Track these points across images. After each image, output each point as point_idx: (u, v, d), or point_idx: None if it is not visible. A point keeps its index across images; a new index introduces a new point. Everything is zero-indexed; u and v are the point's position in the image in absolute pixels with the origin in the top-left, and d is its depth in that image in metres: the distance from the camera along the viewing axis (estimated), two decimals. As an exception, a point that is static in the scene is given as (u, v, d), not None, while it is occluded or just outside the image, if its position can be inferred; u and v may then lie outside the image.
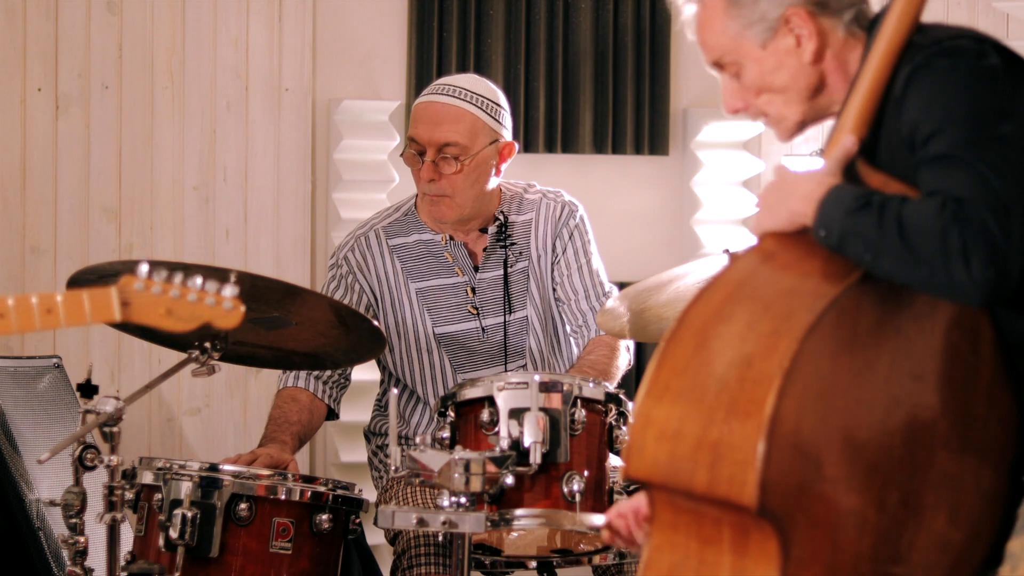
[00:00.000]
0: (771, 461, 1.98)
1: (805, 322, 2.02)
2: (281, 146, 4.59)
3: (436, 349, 3.43)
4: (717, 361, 2.06)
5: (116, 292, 2.29)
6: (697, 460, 2.03)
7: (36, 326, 2.29)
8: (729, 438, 2.00)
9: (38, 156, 4.35)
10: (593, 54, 4.84)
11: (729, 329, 2.08)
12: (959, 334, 2.18)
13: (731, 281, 2.15)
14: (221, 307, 2.34)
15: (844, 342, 2.07)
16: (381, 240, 3.46)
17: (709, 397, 2.04)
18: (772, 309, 2.08)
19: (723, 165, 4.92)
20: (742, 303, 2.11)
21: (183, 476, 2.93)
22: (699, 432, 2.03)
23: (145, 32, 4.44)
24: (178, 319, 2.32)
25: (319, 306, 3.09)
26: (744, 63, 2.33)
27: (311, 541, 3.00)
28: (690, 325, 2.12)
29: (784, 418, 1.99)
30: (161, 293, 2.32)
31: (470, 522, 2.65)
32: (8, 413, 3.65)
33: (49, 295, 2.29)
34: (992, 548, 2.20)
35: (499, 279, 3.46)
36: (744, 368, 2.03)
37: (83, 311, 2.29)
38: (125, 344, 4.38)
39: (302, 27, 4.59)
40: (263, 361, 3.32)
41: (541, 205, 3.51)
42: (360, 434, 4.50)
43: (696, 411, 2.04)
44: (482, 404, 2.93)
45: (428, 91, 3.44)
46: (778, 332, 2.03)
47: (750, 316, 2.08)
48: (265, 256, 4.56)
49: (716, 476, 2.01)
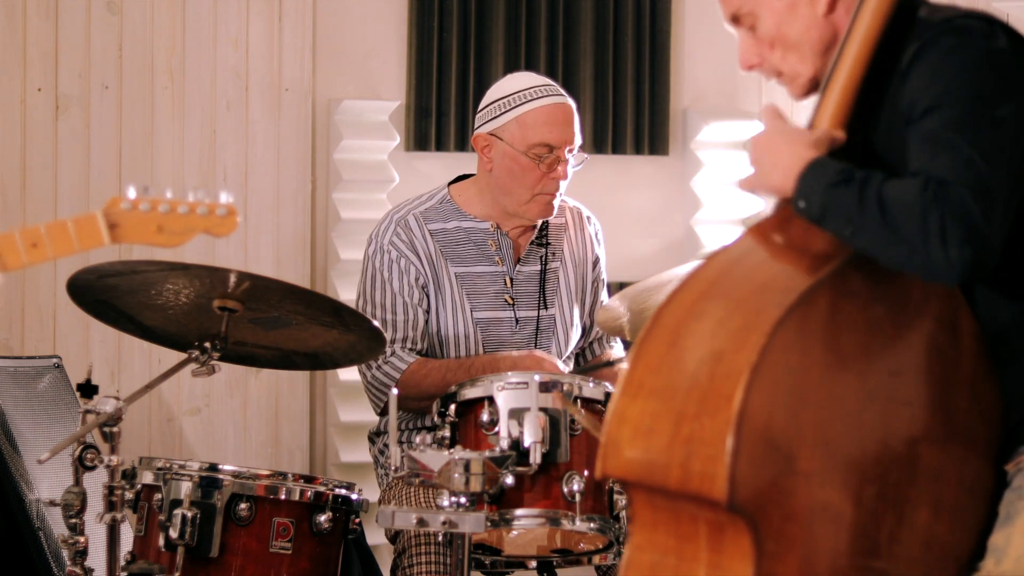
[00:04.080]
0: (740, 455, 1.98)
1: (774, 316, 2.02)
2: (281, 146, 4.59)
3: (473, 333, 3.46)
4: (689, 358, 2.07)
5: (102, 215, 2.21)
6: (671, 456, 2.03)
7: (24, 261, 2.20)
8: (700, 433, 2.01)
9: (38, 156, 4.35)
10: (593, 54, 4.84)
11: (701, 326, 2.09)
12: (938, 328, 2.18)
13: (705, 279, 2.15)
14: (215, 215, 2.25)
15: (816, 336, 2.07)
16: (421, 223, 3.50)
17: (681, 393, 2.04)
18: (743, 305, 2.08)
19: (723, 165, 4.92)
20: (715, 300, 2.11)
21: (183, 476, 2.93)
22: (672, 428, 2.04)
23: (145, 32, 4.44)
24: (171, 234, 2.23)
25: (319, 306, 3.09)
26: (760, 13, 2.34)
27: (311, 541, 3.00)
28: (664, 324, 2.12)
29: (753, 412, 1.99)
30: (150, 210, 2.23)
31: (470, 522, 2.65)
32: (8, 413, 3.65)
33: (33, 229, 2.20)
34: (978, 542, 2.20)
35: (535, 274, 3.53)
36: (714, 364, 2.03)
37: (70, 239, 2.20)
38: (125, 344, 4.38)
39: (302, 27, 4.59)
40: (263, 361, 3.32)
41: (566, 211, 3.62)
42: (360, 434, 4.51)
43: (669, 408, 2.05)
44: (482, 404, 2.94)
45: (541, 93, 3.47)
46: (748, 327, 2.03)
47: (722, 313, 2.09)
48: (265, 256, 4.56)
49: (688, 471, 2.02)
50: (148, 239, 2.22)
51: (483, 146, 3.48)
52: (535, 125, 3.42)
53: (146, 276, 3.01)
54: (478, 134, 3.49)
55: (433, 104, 4.70)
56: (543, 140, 3.41)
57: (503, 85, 3.52)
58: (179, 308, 3.07)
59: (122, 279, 3.03)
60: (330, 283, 4.60)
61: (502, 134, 3.44)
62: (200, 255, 4.46)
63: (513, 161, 3.43)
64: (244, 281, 2.95)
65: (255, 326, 3.10)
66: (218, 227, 2.25)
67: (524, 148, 3.42)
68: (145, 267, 3.05)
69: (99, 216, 2.21)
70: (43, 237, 2.20)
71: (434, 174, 4.58)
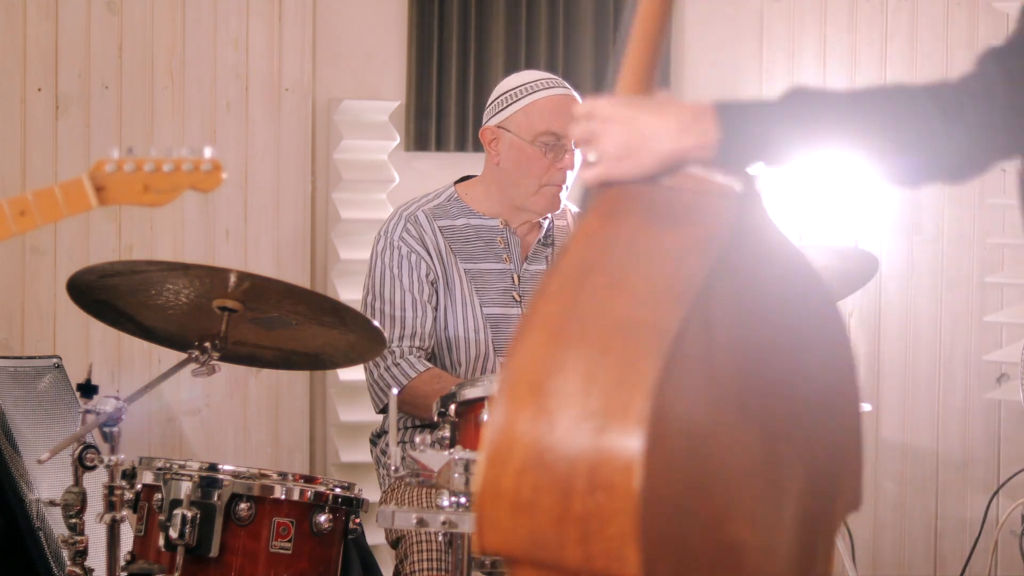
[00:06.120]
0: (651, 531, 1.75)
1: (654, 368, 1.76)
2: (281, 146, 4.59)
3: (483, 328, 3.48)
4: (562, 423, 1.79)
5: (88, 178, 2.20)
6: (564, 535, 1.79)
7: (12, 230, 2.20)
8: (597, 512, 1.77)
9: (38, 156, 4.35)
10: (593, 54, 4.84)
11: (567, 384, 1.80)
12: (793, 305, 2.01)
13: (550, 315, 1.85)
14: (200, 171, 2.24)
15: (698, 374, 1.83)
16: (430, 219, 3.51)
17: (562, 466, 1.78)
18: (610, 352, 1.80)
19: (723, 165, 4.91)
20: (571, 347, 1.82)
21: (183, 476, 2.93)
22: (559, 505, 1.79)
23: (145, 32, 4.44)
24: (158, 192, 2.22)
25: (319, 306, 3.09)
26: None
27: (311, 541, 3.00)
28: (521, 377, 1.83)
29: (655, 480, 1.76)
30: (135, 170, 2.22)
31: (470, 522, 2.65)
32: (8, 413, 3.65)
33: (20, 197, 2.20)
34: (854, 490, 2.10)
35: (542, 273, 3.54)
36: (597, 432, 1.77)
37: (57, 205, 2.19)
38: (125, 344, 4.38)
39: (302, 27, 4.59)
40: (263, 361, 3.32)
41: (568, 215, 3.64)
42: (360, 434, 4.52)
43: (550, 482, 1.79)
44: (482, 404, 2.93)
45: (548, 85, 3.51)
46: (625, 384, 1.77)
47: (586, 364, 1.80)
48: (265, 256, 4.57)
49: (590, 551, 1.78)
50: (135, 199, 2.22)
51: (490, 139, 3.50)
52: (541, 114, 3.45)
53: (146, 276, 3.01)
54: (485, 128, 3.51)
55: (433, 104, 4.70)
56: (549, 128, 3.44)
57: (509, 80, 3.55)
58: (179, 308, 3.07)
59: (122, 279, 3.03)
60: (330, 283, 4.60)
61: (509, 126, 3.47)
62: (200, 255, 4.46)
63: (520, 152, 3.45)
64: (244, 281, 2.95)
65: (255, 326, 3.10)
66: (204, 182, 2.24)
67: (531, 137, 3.44)
68: (145, 267, 3.05)
69: (85, 179, 2.20)
70: (31, 204, 2.19)
71: (434, 174, 4.58)
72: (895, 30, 5.11)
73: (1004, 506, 4.89)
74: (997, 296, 5.12)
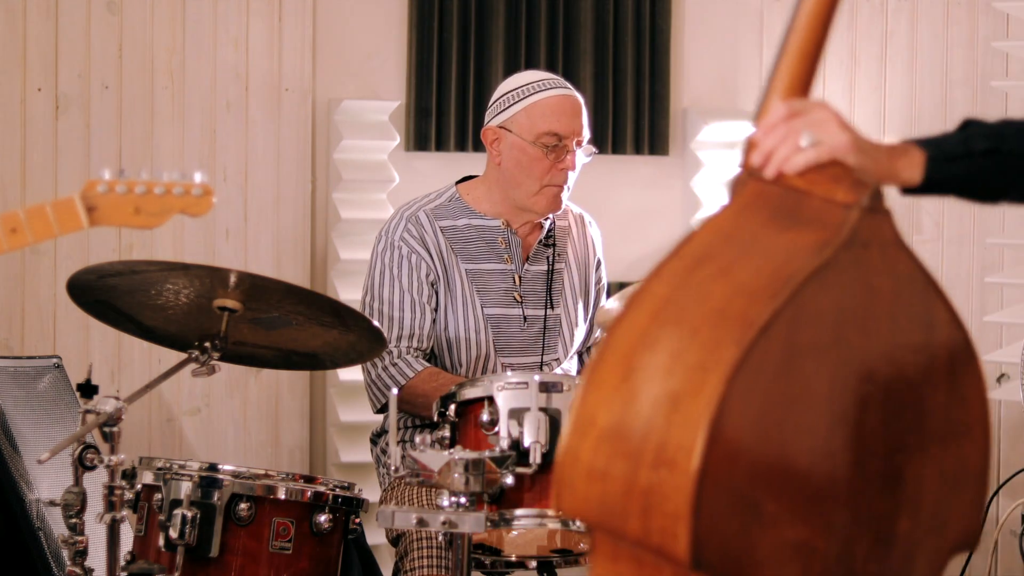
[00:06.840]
0: (703, 514, 1.83)
1: (732, 357, 1.84)
2: (281, 146, 4.59)
3: (484, 328, 3.48)
4: (644, 397, 1.89)
5: (80, 198, 2.22)
6: (628, 505, 1.88)
7: (3, 247, 2.21)
8: (659, 487, 1.86)
9: (38, 156, 4.35)
10: (593, 54, 4.84)
11: (655, 360, 1.90)
12: (911, 329, 2.05)
13: (657, 296, 1.94)
14: (191, 195, 2.26)
15: (778, 370, 1.89)
16: (431, 219, 3.52)
17: (636, 438, 1.88)
18: (699, 336, 1.89)
19: (723, 165, 4.92)
20: (667, 327, 1.91)
21: (183, 476, 2.93)
22: (628, 475, 1.88)
23: (145, 32, 4.44)
24: (148, 215, 2.24)
25: (319, 306, 3.09)
26: None
27: (311, 541, 3.00)
28: (616, 350, 1.93)
29: (715, 466, 1.83)
30: (127, 192, 2.23)
31: (470, 522, 2.65)
32: (8, 413, 3.65)
33: (11, 214, 2.21)
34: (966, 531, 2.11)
35: (543, 274, 3.56)
36: (671, 409, 1.86)
37: (49, 224, 2.21)
38: (125, 344, 4.38)
39: (302, 27, 4.59)
40: (263, 361, 3.32)
41: (569, 215, 3.66)
42: (360, 434, 4.52)
43: (623, 452, 1.89)
44: (482, 404, 2.93)
45: (550, 85, 3.52)
46: (705, 367, 1.86)
47: (676, 344, 1.89)
48: (265, 256, 4.56)
49: (648, 525, 1.87)
50: (126, 221, 2.24)
51: (492, 140, 3.51)
52: (543, 114, 3.46)
53: (146, 276, 3.01)
54: (487, 128, 3.51)
55: (433, 104, 4.70)
56: (551, 129, 3.45)
57: (511, 81, 3.56)
58: (179, 308, 3.07)
59: (122, 279, 3.03)
60: (330, 283, 4.60)
61: (511, 126, 3.47)
62: (200, 255, 4.46)
63: (521, 152, 3.46)
64: (244, 281, 2.95)
65: (255, 326, 3.10)
66: (194, 207, 2.27)
67: (532, 138, 3.45)
68: (145, 267, 3.05)
69: (77, 200, 2.22)
70: (23, 223, 2.21)
71: (434, 174, 4.58)
72: (895, 30, 5.11)
73: (1004, 506, 4.89)
74: (997, 296, 5.12)
